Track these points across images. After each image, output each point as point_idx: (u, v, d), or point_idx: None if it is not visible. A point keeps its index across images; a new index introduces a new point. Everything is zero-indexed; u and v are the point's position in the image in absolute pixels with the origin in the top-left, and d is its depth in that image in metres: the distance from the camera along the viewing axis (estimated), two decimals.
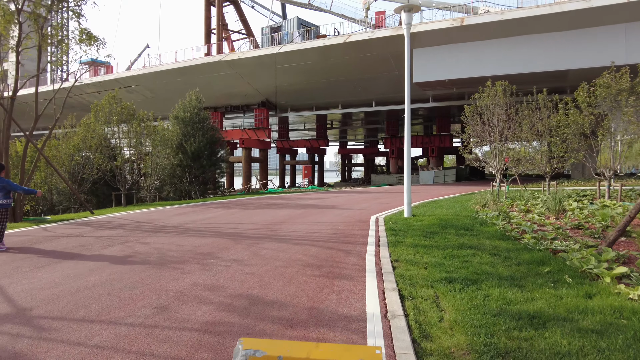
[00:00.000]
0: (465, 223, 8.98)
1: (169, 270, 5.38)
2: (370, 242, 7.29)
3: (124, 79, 39.76)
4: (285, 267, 5.52)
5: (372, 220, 10.45)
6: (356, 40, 27.99)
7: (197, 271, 5.34)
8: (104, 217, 11.85)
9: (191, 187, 25.14)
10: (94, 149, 17.42)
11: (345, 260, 5.90)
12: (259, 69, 33.14)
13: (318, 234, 8.34)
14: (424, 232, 8.03)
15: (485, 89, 15.03)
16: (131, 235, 8.35)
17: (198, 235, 8.18)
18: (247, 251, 6.57)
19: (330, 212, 12.17)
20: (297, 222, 10.04)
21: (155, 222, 10.49)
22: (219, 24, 40.35)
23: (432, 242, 7.15)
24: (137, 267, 5.57)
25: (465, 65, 26.53)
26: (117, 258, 6.18)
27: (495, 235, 7.52)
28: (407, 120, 11.02)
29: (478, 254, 6.05)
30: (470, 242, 7.03)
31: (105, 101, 17.98)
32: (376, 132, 60.75)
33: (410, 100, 33.63)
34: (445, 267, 5.36)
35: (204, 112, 26.15)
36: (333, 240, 7.56)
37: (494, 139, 14.77)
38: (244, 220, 10.60)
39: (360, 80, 32.29)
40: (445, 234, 7.81)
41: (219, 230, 8.86)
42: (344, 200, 16.93)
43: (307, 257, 6.13)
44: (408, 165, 10.91)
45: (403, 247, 6.70)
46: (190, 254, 6.40)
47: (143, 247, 7.06)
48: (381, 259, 5.95)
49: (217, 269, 5.46)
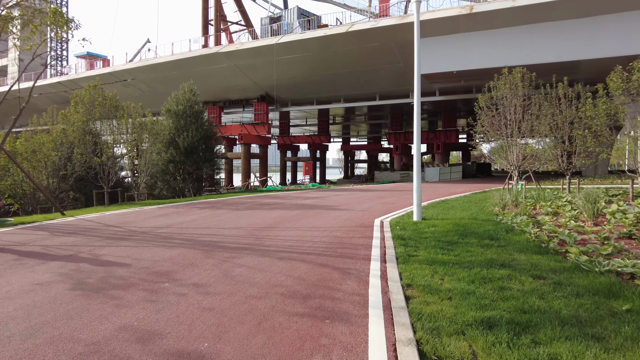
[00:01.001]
0: (488, 230, 7.51)
1: (102, 302, 3.97)
2: (374, 256, 5.84)
3: (119, 72, 38.38)
4: (260, 297, 4.09)
5: (377, 224, 9.00)
6: (359, 30, 26.44)
7: (138, 303, 3.92)
8: (74, 219, 10.47)
9: (185, 185, 23.76)
10: (76, 143, 16.03)
11: (342, 286, 4.46)
12: (257, 61, 31.65)
13: (311, 243, 6.90)
14: (440, 242, 6.57)
15: (502, 77, 13.53)
16: (88, 243, 6.96)
17: (166, 245, 6.77)
18: (217, 270, 5.15)
19: (329, 214, 10.73)
20: (288, 227, 8.61)
21: (127, 225, 9.10)
22: (217, 14, 38.82)
23: (452, 256, 5.70)
24: (62, 295, 4.17)
25: (473, 56, 24.98)
26: (47, 278, 4.78)
27: (529, 248, 6.06)
28: (416, 113, 9.55)
29: (516, 277, 4.61)
30: (500, 257, 5.57)
31: (85, 91, 16.57)
32: (380, 128, 59.16)
33: None
34: (476, 298, 3.92)
35: (198, 105, 24.71)
36: (328, 253, 6.12)
37: (511, 133, 13.30)
38: (227, 224, 9.18)
39: (363, 72, 30.74)
40: (466, 245, 6.36)
41: (193, 238, 7.44)
42: (345, 199, 15.48)
43: (292, 280, 4.69)
44: (418, 162, 9.45)
45: (416, 264, 5.26)
46: (143, 274, 4.99)
47: (90, 261, 5.66)
48: (389, 284, 4.51)
49: (167, 299, 4.04)
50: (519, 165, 13.50)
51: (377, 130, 61.83)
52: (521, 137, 13.46)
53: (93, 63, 44.26)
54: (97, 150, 15.21)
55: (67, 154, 16.48)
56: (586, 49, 22.21)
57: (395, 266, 5.27)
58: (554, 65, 22.76)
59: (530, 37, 23.03)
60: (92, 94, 16.33)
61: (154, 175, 22.79)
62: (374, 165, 61.36)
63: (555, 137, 14.38)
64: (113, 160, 15.60)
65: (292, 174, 54.82)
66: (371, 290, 4.28)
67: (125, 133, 16.66)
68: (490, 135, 13.96)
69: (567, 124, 13.47)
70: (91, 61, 44.91)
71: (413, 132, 39.17)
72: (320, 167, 57.63)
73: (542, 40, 22.82)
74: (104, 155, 15.50)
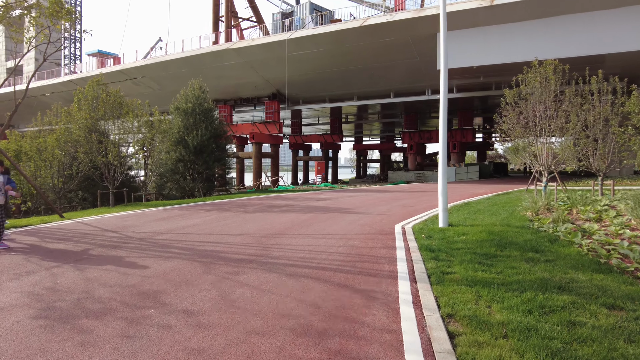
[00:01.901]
0: (529, 240, 6.55)
1: (65, 338, 3.16)
2: (401, 273, 4.95)
3: (129, 70, 38.00)
4: (263, 333, 3.24)
5: (398, 230, 8.10)
6: (374, 24, 25.46)
7: (111, 340, 3.10)
8: (71, 222, 9.77)
9: (194, 185, 23.08)
10: (81, 142, 15.43)
11: (367, 317, 3.58)
12: (268, 58, 30.87)
13: (325, 254, 6.04)
14: (476, 255, 5.65)
15: (531, 70, 12.50)
16: (75, 253, 6.19)
17: (162, 255, 5.97)
18: (214, 291, 4.31)
19: (343, 218, 9.85)
20: (299, 234, 7.75)
21: (125, 230, 8.35)
22: (228, 10, 38.14)
23: (494, 274, 4.79)
24: (20, 326, 3.38)
25: (494, 51, 23.82)
26: (12, 300, 4.00)
27: (584, 264, 5.10)
28: (442, 105, 8.63)
29: (584, 306, 3.68)
30: (553, 276, 4.64)
31: (89, 87, 15.95)
32: (393, 127, 58.01)
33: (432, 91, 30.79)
34: (541, 339, 3.01)
35: (208, 103, 23.99)
36: (346, 268, 5.25)
37: (540, 130, 12.27)
38: (233, 229, 8.36)
39: (377, 68, 29.74)
40: (507, 259, 5.43)
41: (193, 247, 6.63)
42: (360, 200, 14.57)
43: (304, 307, 3.83)
44: (444, 160, 8.52)
45: (454, 285, 4.36)
46: (127, 294, 4.18)
47: (71, 276, 4.88)
48: (426, 314, 3.62)
49: (148, 334, 3.21)
50: (549, 166, 12.45)
51: (391, 129, 60.70)
52: (551, 135, 12.43)
53: (104, 61, 44.05)
54: (102, 149, 14.57)
55: (72, 153, 15.87)
56: (613, 42, 20.92)
57: (429, 287, 4.37)
58: (577, 59, 21.48)
59: (553, 30, 21.82)
60: (96, 90, 15.71)
61: (163, 175, 22.16)
62: (386, 165, 60.22)
63: (588, 135, 13.30)
64: (119, 159, 14.93)
65: (304, 174, 54.01)
66: (404, 324, 3.40)
67: (132, 132, 16.00)
68: (517, 133, 12.93)
69: (601, 121, 12.39)
70: (102, 59, 44.71)
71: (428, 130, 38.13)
72: (333, 167, 56.77)
73: (566, 34, 21.58)
74: (109, 154, 14.89)
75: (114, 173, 15.17)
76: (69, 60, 76.87)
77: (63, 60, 75.46)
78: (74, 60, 76.63)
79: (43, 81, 48.01)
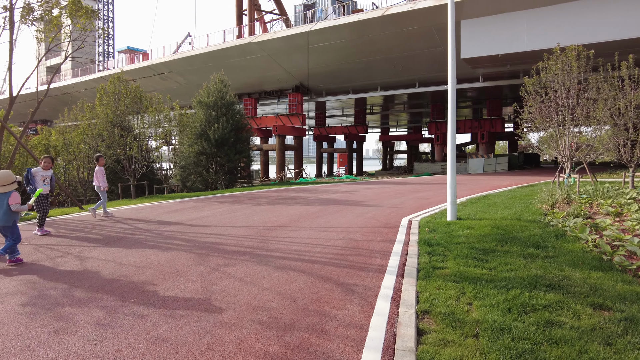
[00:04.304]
0: (534, 235, 6.31)
1: (44, 324, 3.30)
2: (390, 268, 4.88)
3: (157, 66, 38.97)
4: (231, 325, 3.27)
5: (404, 224, 7.98)
6: (395, 13, 25.00)
7: (85, 328, 3.21)
8: (88, 213, 10.17)
9: (217, 177, 23.51)
10: (105, 135, 16.00)
11: (339, 312, 3.56)
12: (291, 50, 30.91)
13: (321, 247, 6.02)
14: (474, 250, 5.49)
15: (552, 57, 11.94)
16: (82, 244, 6.45)
17: (162, 247, 6.12)
18: (199, 282, 4.39)
19: (352, 211, 9.79)
20: (302, 227, 7.77)
21: (136, 222, 8.62)
22: (251, 4, 38.33)
23: (487, 270, 4.64)
24: (7, 313, 3.56)
25: (520, 38, 22.90)
26: (11, 288, 4.21)
27: (585, 261, 4.87)
28: (451, 97, 8.38)
29: (569, 305, 3.52)
30: (548, 273, 4.45)
31: (110, 83, 16.47)
32: (420, 117, 56.95)
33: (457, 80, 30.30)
34: (512, 339, 2.91)
35: (229, 96, 24.29)
36: (337, 262, 5.22)
37: (562, 120, 11.73)
38: (239, 221, 8.47)
39: (400, 58, 29.23)
40: (505, 255, 5.25)
41: (195, 238, 6.77)
42: (375, 193, 14.44)
43: (280, 299, 3.85)
44: (453, 151, 8.30)
45: (440, 281, 4.26)
46: (114, 285, 4.31)
47: (70, 266, 5.08)
48: (401, 310, 3.56)
49: (121, 323, 3.31)
50: (571, 157, 11.90)
51: (418, 119, 59.64)
52: (574, 124, 11.86)
53: (133, 57, 45.32)
54: (122, 143, 15.05)
55: (95, 146, 16.49)
56: None
57: (414, 282, 4.29)
58: (610, 44, 20.33)
59: (585, 13, 20.75)
60: (117, 85, 16.21)
61: (186, 168, 22.69)
62: (414, 156, 59.28)
63: (617, 123, 12.60)
64: (140, 153, 15.39)
65: (328, 166, 53.99)
66: (375, 320, 3.35)
67: (153, 126, 16.44)
68: (538, 123, 12.42)
69: (633, 109, 11.71)
70: (131, 55, 46.03)
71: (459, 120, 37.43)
72: (357, 159, 56.42)
73: (599, 16, 20.48)
74: (132, 148, 15.35)
75: (135, 166, 15.65)
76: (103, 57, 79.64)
77: (97, 57, 78.31)
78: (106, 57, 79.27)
79: (77, 78, 49.97)
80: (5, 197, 5.13)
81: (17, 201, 5.18)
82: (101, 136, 15.82)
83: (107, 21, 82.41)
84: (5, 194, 5.15)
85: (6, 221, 5.13)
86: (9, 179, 5.17)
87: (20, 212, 5.32)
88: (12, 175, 5.27)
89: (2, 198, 5.13)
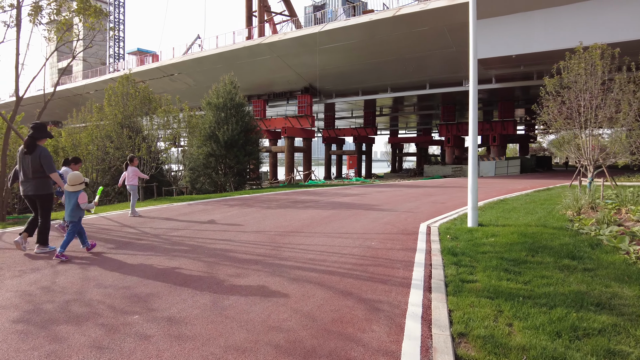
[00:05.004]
0: (565, 244, 5.87)
1: (35, 345, 2.95)
2: (415, 281, 4.48)
3: (166, 67, 38.92)
4: (244, 349, 2.89)
5: (422, 230, 7.57)
6: (407, 13, 24.57)
7: (81, 350, 2.85)
8: (95, 216, 9.89)
9: (226, 179, 23.24)
10: (113, 136, 15.80)
11: (365, 334, 3.17)
12: (300, 51, 30.61)
13: (338, 256, 5.64)
14: (504, 261, 5.08)
15: (574, 56, 11.47)
16: (83, 251, 6.14)
17: (169, 254, 5.78)
18: (208, 295, 4.03)
19: (366, 216, 9.40)
20: (315, 232, 7.39)
21: (143, 226, 8.31)
22: (261, 5, 38.13)
23: (521, 283, 4.23)
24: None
25: (536, 38, 22.35)
26: (4, 300, 3.89)
27: (632, 276, 4.42)
28: (472, 97, 7.97)
29: (627, 330, 3.10)
30: (592, 289, 4.02)
31: (119, 84, 16.27)
32: (430, 119, 56.38)
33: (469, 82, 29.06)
34: None
35: (239, 98, 24.03)
36: (356, 273, 4.84)
37: (584, 121, 11.24)
38: (249, 226, 8.12)
39: (411, 59, 28.77)
40: (539, 266, 4.83)
41: (204, 245, 6.43)
42: (388, 197, 14.02)
43: (298, 318, 3.47)
44: (474, 154, 7.87)
45: (473, 297, 3.85)
46: (117, 297, 3.97)
47: (71, 275, 4.76)
48: (434, 332, 3.17)
49: (121, 345, 2.95)
50: (595, 160, 11.39)
51: (427, 121, 59.09)
52: (597, 126, 11.37)
53: (143, 59, 45.41)
54: (130, 144, 14.81)
55: (103, 147, 16.29)
56: None
57: (444, 299, 3.89)
58: (630, 44, 19.73)
59: (604, 11, 20.17)
60: (125, 86, 15.99)
61: (195, 169, 22.46)
62: (423, 159, 58.70)
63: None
64: (148, 154, 15.14)
65: (337, 168, 53.59)
66: (406, 345, 2.95)
67: (161, 127, 16.19)
68: (558, 125, 11.93)
69: None
70: (141, 57, 46.13)
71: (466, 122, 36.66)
72: (366, 161, 55.98)
73: (619, 15, 19.86)
74: (140, 150, 15.10)
75: (143, 167, 15.41)
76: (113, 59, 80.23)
77: (108, 59, 78.90)
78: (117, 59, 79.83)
79: (87, 80, 50.20)
80: (74, 196, 5.71)
81: (85, 200, 5.76)
82: (110, 137, 15.59)
83: (118, 24, 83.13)
84: (74, 193, 5.71)
85: (73, 217, 5.73)
86: (78, 180, 5.72)
87: (89, 209, 6.01)
88: (82, 176, 5.84)
89: (72, 197, 5.70)
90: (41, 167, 5.72)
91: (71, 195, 5.68)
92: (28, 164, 5.71)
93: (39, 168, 5.73)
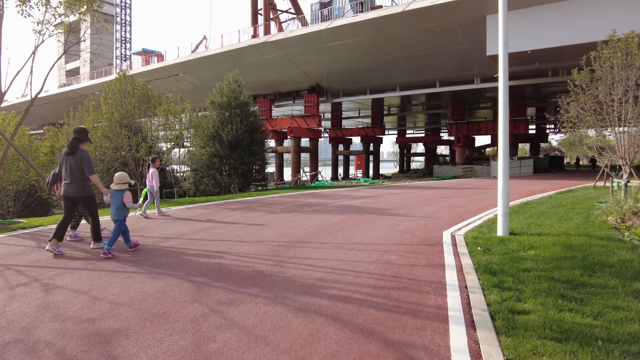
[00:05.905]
0: (626, 260, 4.91)
1: None
2: (453, 313, 3.56)
3: (171, 67, 38.31)
4: None
5: (446, 239, 6.65)
6: (417, 9, 23.62)
7: None
8: (84, 222, 9.07)
9: (230, 180, 22.40)
10: (111, 136, 15.03)
11: None
12: (307, 49, 29.75)
13: (352, 275, 4.74)
14: (555, 282, 4.14)
15: (607, 46, 10.51)
16: (60, 264, 5.30)
17: (153, 271, 4.92)
18: (191, 333, 3.15)
19: (380, 222, 8.48)
20: (325, 243, 6.49)
21: (133, 233, 7.45)
22: (266, 3, 37.36)
23: (590, 317, 3.30)
24: None
25: (552, 32, 21.31)
26: None
27: None
28: (502, 94, 7.04)
29: None
30: None
31: (116, 81, 15.50)
32: (438, 119, 55.23)
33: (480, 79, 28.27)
34: None
35: (244, 97, 23.19)
36: (377, 300, 3.93)
37: (620, 116, 10.26)
38: (250, 234, 7.24)
39: (421, 56, 27.79)
40: (604, 291, 3.89)
41: (196, 259, 5.55)
42: (401, 199, 13.09)
43: None
44: (505, 152, 6.93)
45: (534, 339, 2.94)
46: (78, 334, 3.10)
47: (28, 301, 3.90)
48: None
49: None
50: (631, 159, 10.39)
51: (436, 121, 57.93)
52: (634, 123, 10.39)
53: (148, 59, 44.87)
54: (129, 144, 14.02)
55: (100, 147, 15.53)
56: None
57: (495, 341, 2.97)
58: None
59: (622, 4, 19.10)
60: (123, 83, 15.22)
61: (199, 170, 21.67)
62: (431, 159, 57.48)
63: None
64: (149, 155, 14.34)
65: (344, 168, 52.66)
66: None
67: (164, 128, 15.40)
68: (589, 121, 10.95)
69: None
70: (146, 57, 45.57)
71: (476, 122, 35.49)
72: (374, 161, 55.03)
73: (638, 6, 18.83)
74: (140, 150, 14.34)
75: (142, 169, 14.64)
76: (120, 60, 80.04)
77: (114, 61, 78.70)
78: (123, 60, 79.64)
79: (92, 80, 49.81)
80: (120, 195, 5.83)
81: (130, 199, 5.86)
82: (107, 137, 14.83)
83: (124, 25, 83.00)
84: (120, 192, 5.84)
85: (119, 215, 5.85)
86: (124, 179, 5.90)
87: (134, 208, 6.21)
88: (127, 176, 6.00)
89: (118, 195, 5.82)
90: (81, 168, 5.87)
91: (117, 194, 5.82)
92: (70, 166, 5.88)
93: (79, 169, 5.90)
